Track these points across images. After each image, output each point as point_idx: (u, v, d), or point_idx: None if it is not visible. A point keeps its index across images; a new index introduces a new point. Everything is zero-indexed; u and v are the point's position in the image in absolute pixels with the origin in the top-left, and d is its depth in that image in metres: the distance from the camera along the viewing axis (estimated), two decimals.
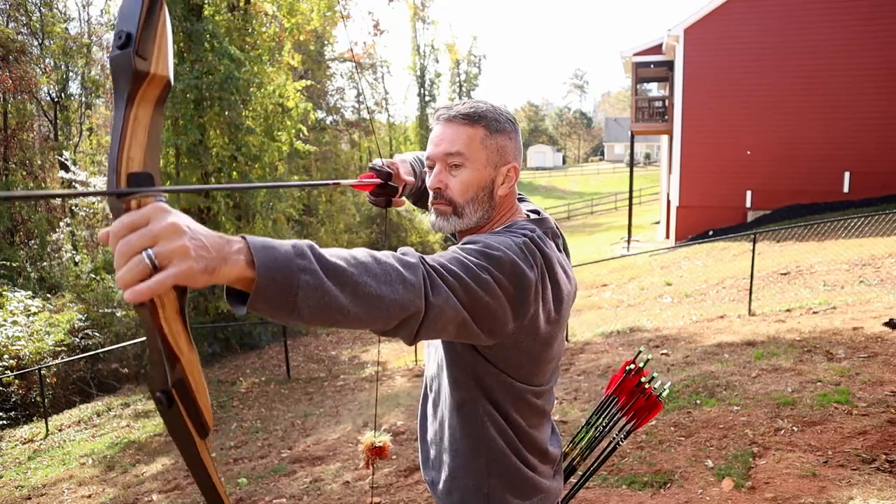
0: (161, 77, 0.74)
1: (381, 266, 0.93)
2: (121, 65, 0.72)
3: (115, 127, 0.73)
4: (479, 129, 1.25)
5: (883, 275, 8.54)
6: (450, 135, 1.26)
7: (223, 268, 0.75)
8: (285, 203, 15.22)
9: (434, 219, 1.32)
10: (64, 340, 11.91)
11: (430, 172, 1.31)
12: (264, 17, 14.42)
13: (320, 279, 0.83)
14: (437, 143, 1.28)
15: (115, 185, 0.71)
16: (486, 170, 1.27)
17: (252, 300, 0.79)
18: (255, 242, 0.79)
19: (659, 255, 14.71)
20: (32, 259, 18.63)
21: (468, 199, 1.27)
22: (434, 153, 1.28)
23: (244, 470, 5.57)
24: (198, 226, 0.74)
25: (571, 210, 36.34)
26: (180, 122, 12.39)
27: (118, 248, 0.69)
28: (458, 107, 1.27)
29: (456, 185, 1.27)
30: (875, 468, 3.32)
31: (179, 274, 0.69)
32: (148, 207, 0.71)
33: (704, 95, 16.30)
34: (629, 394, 1.77)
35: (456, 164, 1.26)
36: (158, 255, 0.68)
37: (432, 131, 1.31)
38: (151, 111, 0.75)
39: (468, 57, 44.71)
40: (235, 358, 12.53)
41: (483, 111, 1.26)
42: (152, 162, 0.75)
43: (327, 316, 0.86)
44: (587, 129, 77.19)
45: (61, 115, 23.62)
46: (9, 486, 6.95)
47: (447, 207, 1.28)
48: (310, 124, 18.13)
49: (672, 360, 6.02)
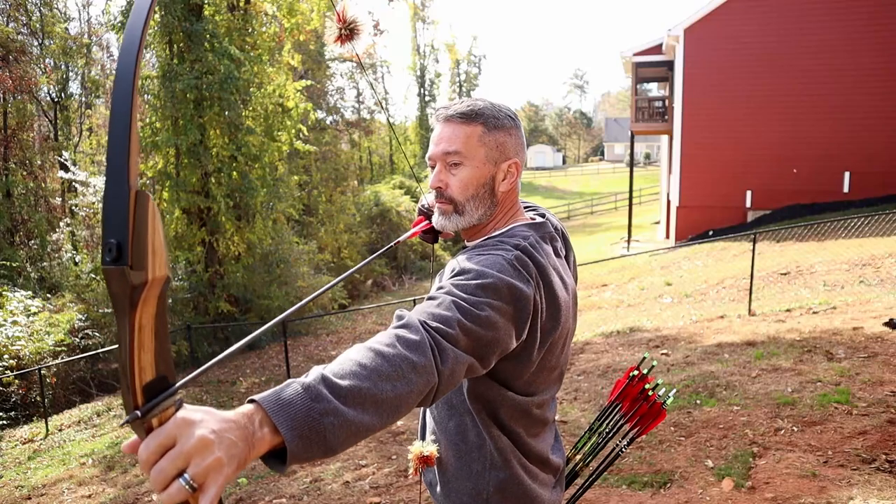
0: (160, 278, 0.71)
1: (391, 363, 0.92)
2: (117, 280, 0.68)
3: (121, 340, 0.70)
4: (477, 126, 1.27)
5: (883, 275, 8.54)
6: (448, 134, 1.27)
7: (253, 451, 0.76)
8: (285, 203, 15.22)
9: (437, 218, 1.33)
10: (64, 340, 11.91)
11: (431, 172, 1.33)
12: (264, 17, 14.42)
13: (342, 414, 0.84)
14: (436, 142, 1.29)
15: (132, 404, 0.69)
16: (485, 167, 1.27)
17: (289, 463, 0.80)
18: (271, 406, 0.79)
19: (659, 255, 14.71)
20: (32, 259, 18.63)
21: (469, 196, 1.28)
22: (434, 152, 1.30)
23: (244, 470, 5.57)
24: (220, 419, 0.73)
25: (571, 210, 36.34)
26: (180, 122, 12.39)
27: (152, 476, 0.69)
28: (455, 106, 1.28)
29: (456, 184, 1.28)
30: (875, 468, 3.32)
31: (219, 488, 0.70)
32: (171, 425, 0.70)
33: (704, 95, 16.30)
34: (632, 400, 1.77)
35: (455, 162, 1.27)
36: (195, 476, 0.68)
37: (433, 131, 1.32)
38: (154, 310, 0.72)
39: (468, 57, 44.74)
40: (235, 358, 12.52)
41: (480, 108, 1.27)
42: (164, 360, 0.73)
43: (359, 437, 0.88)
44: (587, 129, 77.20)
45: (61, 115, 23.63)
46: (9, 486, 6.95)
47: (448, 206, 1.30)
48: (310, 124, 18.13)
49: (672, 360, 6.02)
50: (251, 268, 13.95)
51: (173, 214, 12.99)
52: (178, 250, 13.07)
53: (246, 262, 13.80)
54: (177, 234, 13.13)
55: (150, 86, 12.88)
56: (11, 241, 19.24)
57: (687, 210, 16.85)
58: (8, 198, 19.92)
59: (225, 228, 13.37)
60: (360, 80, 32.26)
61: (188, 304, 13.14)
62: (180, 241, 13.18)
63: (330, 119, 28.16)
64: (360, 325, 14.73)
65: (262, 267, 14.29)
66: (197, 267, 13.12)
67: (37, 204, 21.24)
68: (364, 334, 13.53)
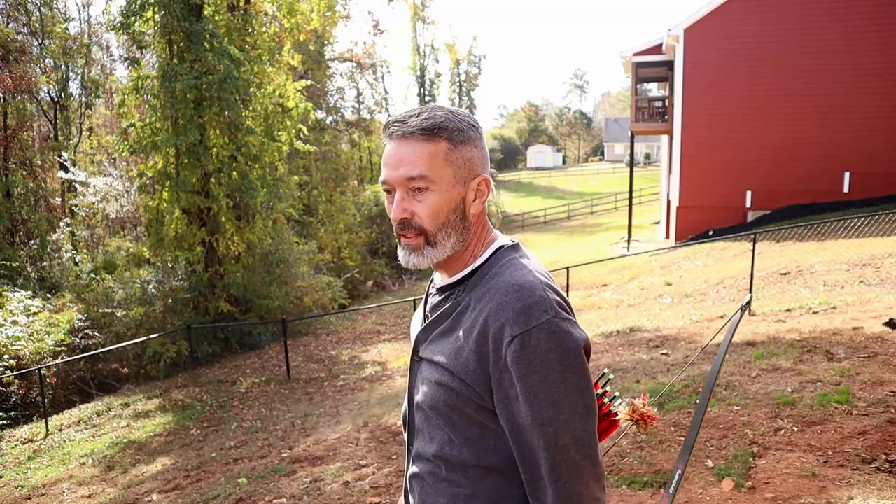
0: None
1: None
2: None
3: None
4: (442, 143, 1.09)
5: (883, 275, 8.54)
6: (408, 154, 1.08)
7: None
8: (285, 203, 15.23)
9: (406, 256, 1.14)
10: (64, 340, 11.92)
11: (388, 199, 1.14)
12: (264, 17, 14.43)
13: None
14: (393, 165, 1.09)
15: None
16: (455, 189, 1.10)
17: None
18: None
19: (659, 255, 14.71)
20: (32, 259, 18.63)
21: (440, 224, 1.11)
22: (392, 177, 1.10)
23: (244, 470, 5.57)
24: None
25: (571, 210, 36.35)
26: (180, 122, 12.39)
27: None
28: (413, 120, 1.09)
29: (424, 211, 1.10)
30: (875, 468, 3.32)
31: None
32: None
33: (704, 95, 16.30)
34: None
35: (420, 187, 1.09)
36: None
37: (386, 150, 1.12)
38: None
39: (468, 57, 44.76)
40: (235, 358, 12.53)
41: (442, 121, 1.09)
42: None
43: None
44: (587, 129, 77.19)
45: (61, 115, 23.64)
46: (9, 486, 6.95)
47: (418, 239, 1.12)
48: (310, 124, 18.15)
49: (672, 360, 6.02)
50: (251, 268, 13.95)
51: (173, 214, 12.99)
52: (178, 250, 13.07)
53: (246, 262, 13.80)
54: (177, 234, 13.13)
55: (150, 86, 12.88)
56: (11, 241, 19.24)
57: (687, 210, 16.85)
58: (8, 198, 19.92)
59: (225, 228, 13.37)
60: (359, 81, 32.28)
61: (188, 304, 13.14)
62: (180, 241, 13.18)
63: (330, 119, 28.17)
64: (360, 325, 14.73)
65: (262, 267, 14.29)
66: (197, 267, 13.12)
67: (37, 204, 21.26)
68: (364, 334, 13.53)
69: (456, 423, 1.12)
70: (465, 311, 1.12)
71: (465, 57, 44.65)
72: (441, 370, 1.12)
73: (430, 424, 1.17)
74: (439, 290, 1.21)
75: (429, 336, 1.17)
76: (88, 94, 24.84)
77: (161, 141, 12.27)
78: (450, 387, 1.10)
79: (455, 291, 1.17)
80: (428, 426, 1.18)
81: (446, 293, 1.19)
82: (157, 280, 13.14)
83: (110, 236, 20.02)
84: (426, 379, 1.16)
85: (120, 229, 20.19)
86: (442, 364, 1.12)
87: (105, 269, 15.48)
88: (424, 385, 1.17)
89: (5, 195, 19.85)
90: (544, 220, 35.52)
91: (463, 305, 1.13)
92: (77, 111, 24.73)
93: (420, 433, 1.21)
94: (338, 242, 21.95)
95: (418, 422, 1.21)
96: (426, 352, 1.17)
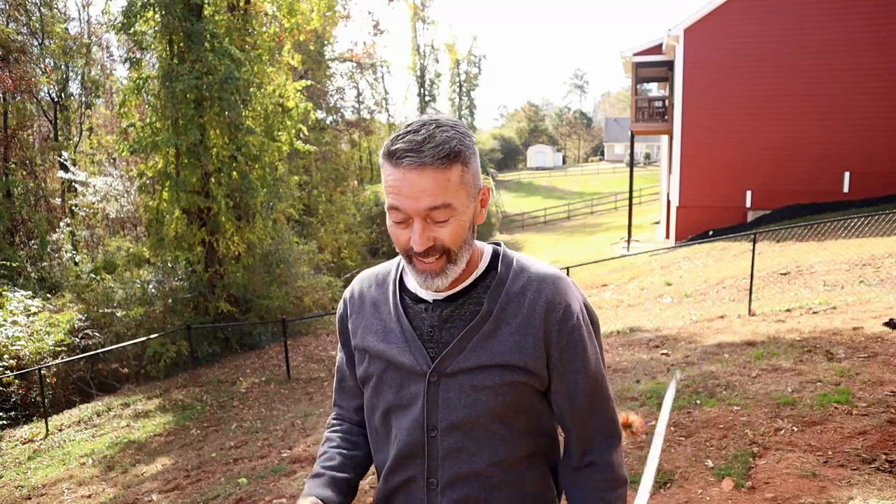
0: None
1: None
2: None
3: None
4: (457, 167, 1.05)
5: (883, 275, 8.54)
6: (427, 185, 1.02)
7: None
8: (285, 203, 15.23)
9: (426, 280, 1.10)
10: (64, 340, 11.92)
11: (399, 226, 1.08)
12: (264, 17, 14.43)
13: None
14: (412, 195, 1.03)
15: None
16: (469, 208, 1.09)
17: None
18: None
19: (659, 255, 14.71)
20: (32, 259, 18.63)
21: (461, 243, 1.09)
22: (412, 209, 1.04)
23: (244, 470, 5.57)
24: None
25: (571, 210, 36.35)
26: (180, 122, 12.38)
27: None
28: (427, 148, 1.02)
29: (447, 236, 1.07)
30: (875, 468, 3.32)
31: None
32: None
33: (704, 95, 16.30)
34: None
35: (443, 217, 1.06)
36: None
37: (396, 176, 1.04)
38: None
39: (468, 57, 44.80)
40: (235, 358, 12.52)
41: (455, 145, 1.04)
42: None
43: None
44: (587, 129, 77.17)
45: (61, 115, 23.63)
46: (9, 486, 6.95)
47: (441, 262, 1.08)
48: (310, 124, 18.14)
49: (672, 360, 6.02)
50: (251, 268, 13.95)
51: (173, 214, 12.98)
52: (178, 250, 13.06)
53: (246, 262, 13.80)
54: (177, 234, 13.13)
55: (150, 86, 12.88)
56: (11, 241, 19.24)
57: (687, 210, 16.85)
58: (8, 198, 19.92)
59: (225, 228, 13.36)
60: (359, 81, 32.28)
61: (188, 304, 13.14)
62: (180, 241, 13.18)
63: (330, 119, 28.16)
64: None
65: (262, 267, 14.29)
66: (197, 267, 13.11)
67: (37, 204, 21.26)
68: None
69: (511, 423, 1.16)
70: (506, 308, 1.13)
71: (465, 57, 44.68)
72: (499, 371, 1.12)
73: (471, 439, 1.15)
74: (447, 300, 1.15)
75: (465, 345, 1.13)
76: (88, 94, 24.84)
77: (161, 141, 12.26)
78: (514, 382, 1.13)
79: (470, 296, 1.16)
80: (470, 442, 1.15)
81: (457, 300, 1.15)
82: (157, 280, 13.14)
83: (110, 236, 20.03)
84: (473, 389, 1.13)
85: (120, 229, 20.20)
86: (501, 364, 1.12)
87: (105, 269, 15.49)
88: (464, 398, 1.13)
89: (5, 195, 19.85)
90: (544, 220, 35.52)
91: (500, 303, 1.14)
92: (77, 111, 24.72)
93: (452, 456, 1.16)
94: (338, 242, 21.96)
95: (448, 445, 1.15)
96: (467, 361, 1.13)
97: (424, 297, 1.17)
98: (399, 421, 1.18)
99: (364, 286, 1.27)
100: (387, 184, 1.07)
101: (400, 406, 1.18)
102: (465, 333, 1.13)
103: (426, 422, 1.15)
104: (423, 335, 1.16)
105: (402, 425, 1.18)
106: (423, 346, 1.15)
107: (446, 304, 1.15)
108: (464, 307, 1.15)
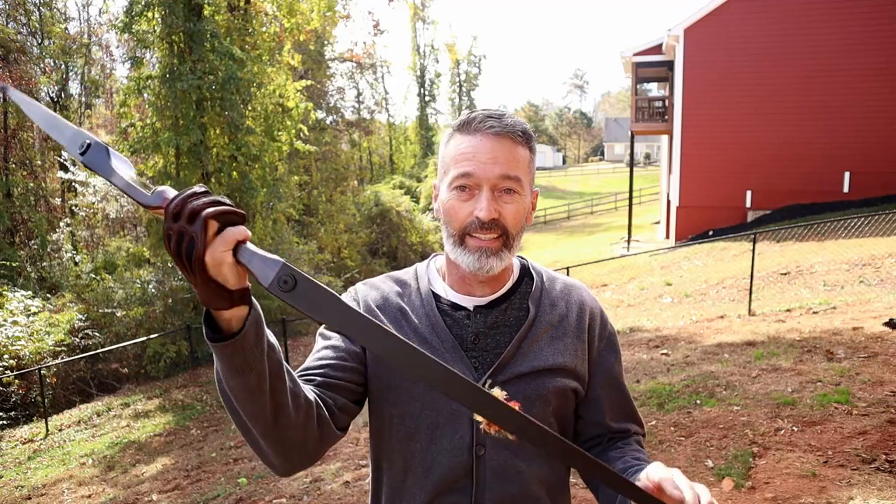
0: None
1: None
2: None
3: None
4: (527, 149, 1.06)
5: (883, 275, 8.54)
6: (505, 153, 1.02)
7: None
8: (285, 203, 15.23)
9: (480, 260, 1.03)
10: (64, 340, 11.92)
11: (459, 198, 1.04)
12: (264, 17, 14.43)
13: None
14: (487, 160, 1.01)
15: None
16: (527, 197, 1.08)
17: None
18: None
19: (659, 255, 14.70)
20: (32, 259, 18.62)
21: (518, 229, 1.06)
22: (484, 173, 1.01)
23: (244, 470, 5.57)
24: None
25: (571, 210, 36.35)
26: (181, 122, 12.38)
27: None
28: (507, 119, 1.04)
29: (510, 214, 1.03)
30: (875, 468, 3.32)
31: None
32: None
33: (704, 95, 16.30)
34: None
35: (510, 188, 1.03)
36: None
37: (469, 142, 1.03)
38: None
39: (468, 57, 44.76)
40: None
41: (529, 128, 1.07)
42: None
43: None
44: (587, 129, 77.20)
45: (61, 115, 23.58)
46: (9, 486, 6.96)
47: (499, 241, 1.04)
48: (310, 124, 18.14)
49: (672, 360, 6.02)
50: None
51: None
52: None
53: None
54: None
55: (151, 86, 12.88)
56: (11, 241, 19.22)
57: (687, 210, 16.85)
58: (8, 198, 19.91)
59: None
60: (359, 80, 32.30)
61: (188, 304, 13.13)
62: None
63: (330, 119, 28.17)
64: None
65: None
66: None
67: (37, 204, 21.23)
68: None
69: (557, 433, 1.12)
70: (551, 313, 1.13)
71: (465, 57, 44.66)
72: (551, 375, 1.09)
73: (521, 457, 1.07)
74: (489, 306, 1.10)
75: (517, 350, 1.08)
76: (88, 94, 24.84)
77: (162, 141, 12.26)
78: (563, 389, 1.11)
79: (511, 301, 1.12)
80: (519, 460, 1.07)
81: (500, 305, 1.11)
82: (157, 280, 13.14)
83: (110, 236, 20.03)
84: (524, 397, 1.05)
85: (120, 229, 20.19)
86: (553, 368, 1.09)
87: (105, 269, 15.49)
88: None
89: (5, 195, 19.84)
90: (544, 221, 35.50)
91: (545, 308, 1.13)
92: (77, 111, 24.71)
93: (501, 477, 1.06)
94: (338, 242, 21.94)
95: (497, 465, 1.06)
96: (521, 366, 1.07)
97: (463, 305, 1.10)
98: (439, 442, 1.06)
99: (384, 291, 1.15)
100: (458, 153, 1.04)
101: (437, 425, 1.06)
102: (517, 338, 1.08)
103: (474, 439, 1.05)
104: (465, 343, 1.08)
105: (444, 447, 1.05)
106: (466, 355, 1.07)
107: (488, 309, 1.10)
108: (507, 313, 1.11)
